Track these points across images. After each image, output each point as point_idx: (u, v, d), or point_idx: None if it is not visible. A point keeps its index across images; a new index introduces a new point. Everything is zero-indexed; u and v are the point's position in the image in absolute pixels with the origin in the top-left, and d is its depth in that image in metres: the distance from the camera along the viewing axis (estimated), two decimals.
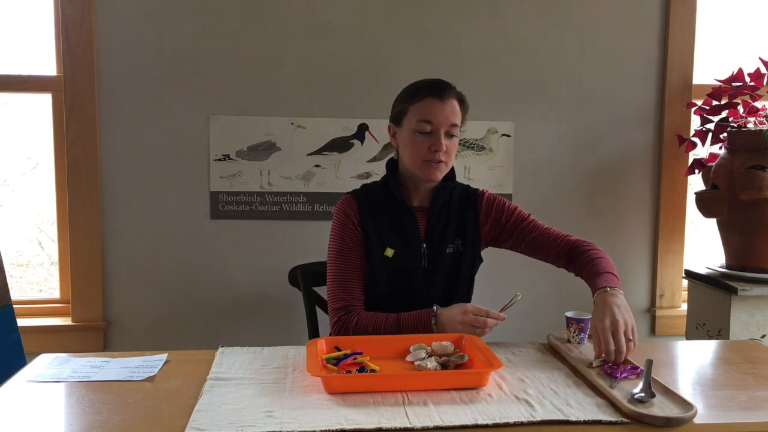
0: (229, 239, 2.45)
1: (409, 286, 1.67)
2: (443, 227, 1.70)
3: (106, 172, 2.39)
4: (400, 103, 1.66)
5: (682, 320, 2.54)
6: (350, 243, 1.66)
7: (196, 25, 2.37)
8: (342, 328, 1.59)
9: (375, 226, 1.67)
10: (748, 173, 2.16)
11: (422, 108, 1.60)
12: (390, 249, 1.66)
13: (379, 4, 2.43)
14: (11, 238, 2.61)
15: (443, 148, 1.60)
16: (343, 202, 1.71)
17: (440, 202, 1.69)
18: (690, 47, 2.55)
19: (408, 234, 1.67)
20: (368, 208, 1.68)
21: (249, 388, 1.24)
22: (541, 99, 2.53)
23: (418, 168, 1.63)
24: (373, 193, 1.72)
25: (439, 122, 1.59)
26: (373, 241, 1.66)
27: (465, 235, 1.71)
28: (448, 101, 1.60)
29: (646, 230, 2.62)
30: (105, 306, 2.42)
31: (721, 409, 1.18)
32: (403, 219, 1.68)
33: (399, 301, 1.64)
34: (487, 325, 1.48)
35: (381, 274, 1.66)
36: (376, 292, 1.67)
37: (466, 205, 1.74)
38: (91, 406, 1.18)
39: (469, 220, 1.72)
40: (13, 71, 2.38)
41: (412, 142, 1.61)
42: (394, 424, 1.07)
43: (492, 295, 2.54)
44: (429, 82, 1.64)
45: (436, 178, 1.64)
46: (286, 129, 2.43)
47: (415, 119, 1.60)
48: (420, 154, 1.60)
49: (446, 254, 1.69)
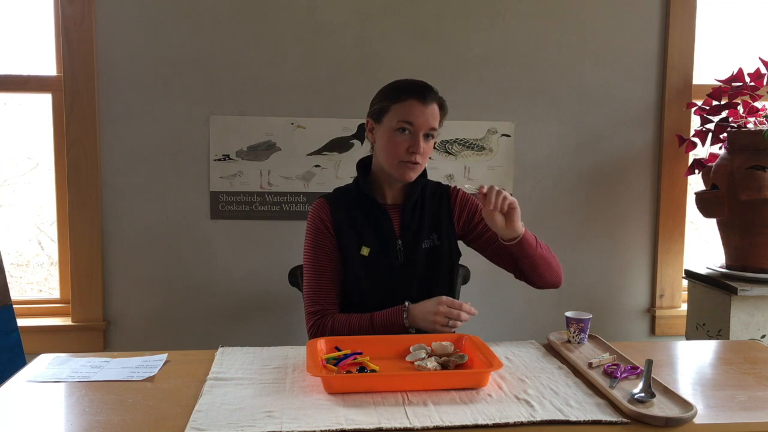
0: (229, 239, 2.45)
1: (387, 284, 1.67)
2: (417, 223, 1.71)
3: (106, 172, 2.39)
4: (381, 100, 1.66)
5: (682, 320, 2.54)
6: (324, 248, 1.68)
7: (196, 25, 2.37)
8: (318, 331, 1.62)
9: (349, 227, 1.68)
10: (748, 173, 2.16)
11: (404, 109, 1.60)
12: (366, 248, 1.67)
13: (379, 4, 2.43)
14: (11, 238, 2.60)
15: (421, 150, 1.61)
16: (316, 206, 1.72)
17: (413, 199, 1.71)
18: (690, 47, 2.55)
19: (383, 232, 1.68)
20: (341, 209, 1.69)
21: (249, 388, 1.24)
22: (541, 99, 2.53)
23: (394, 167, 1.63)
24: (346, 195, 1.74)
25: (420, 125, 1.60)
26: (348, 242, 1.67)
27: (440, 229, 1.72)
28: (430, 105, 1.61)
29: (646, 230, 2.62)
30: (105, 306, 2.42)
31: (721, 409, 1.18)
32: (377, 217, 1.69)
33: (378, 299, 1.64)
34: (460, 318, 1.49)
35: (358, 273, 1.67)
36: (355, 293, 1.68)
37: (439, 199, 1.75)
38: (91, 406, 1.18)
39: (443, 214, 1.74)
40: (13, 71, 2.39)
41: (389, 142, 1.62)
42: (394, 424, 1.07)
43: (492, 295, 2.55)
44: (413, 83, 1.65)
45: (410, 178, 1.65)
46: (286, 129, 2.43)
47: (396, 119, 1.60)
48: (397, 153, 1.61)
49: (422, 249, 1.70)
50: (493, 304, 2.56)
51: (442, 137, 2.48)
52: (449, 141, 2.49)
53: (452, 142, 2.49)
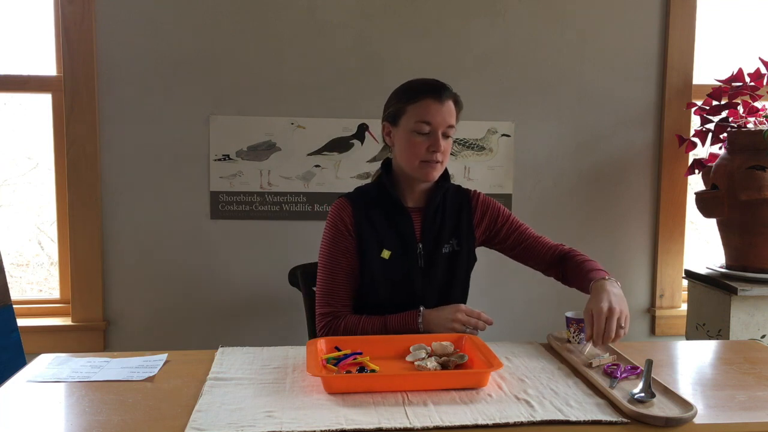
0: (229, 239, 2.45)
1: (406, 288, 1.66)
2: (438, 227, 1.69)
3: (106, 172, 2.39)
4: (396, 103, 1.65)
5: (682, 320, 2.54)
6: (342, 249, 1.66)
7: (196, 25, 2.37)
8: (329, 333, 1.60)
9: (370, 228, 1.66)
10: (748, 173, 2.16)
11: (421, 109, 1.59)
12: (386, 251, 1.65)
13: (379, 4, 2.43)
14: (11, 238, 2.61)
15: (441, 148, 1.60)
16: (338, 205, 1.70)
17: (435, 203, 1.69)
18: (690, 47, 2.55)
19: (404, 235, 1.66)
20: (363, 210, 1.67)
21: (249, 388, 1.24)
22: (541, 99, 2.53)
23: (416, 168, 1.62)
24: (368, 195, 1.71)
25: (438, 123, 1.59)
26: (369, 244, 1.65)
27: (460, 234, 1.70)
28: (446, 102, 1.61)
29: (646, 230, 2.62)
30: (105, 306, 2.42)
31: (721, 409, 1.18)
32: (399, 219, 1.67)
33: (396, 303, 1.63)
34: (478, 326, 1.52)
35: (378, 276, 1.65)
36: (373, 295, 1.66)
37: (460, 205, 1.73)
38: (91, 406, 1.18)
39: (463, 220, 1.72)
40: (13, 71, 2.39)
41: (409, 143, 1.61)
42: (394, 424, 1.07)
43: (492, 294, 2.55)
44: (427, 82, 1.64)
45: (433, 178, 1.64)
46: (286, 129, 2.43)
47: (414, 120, 1.60)
48: (418, 154, 1.60)
49: (442, 254, 1.68)
50: (493, 304, 2.56)
51: None
52: None
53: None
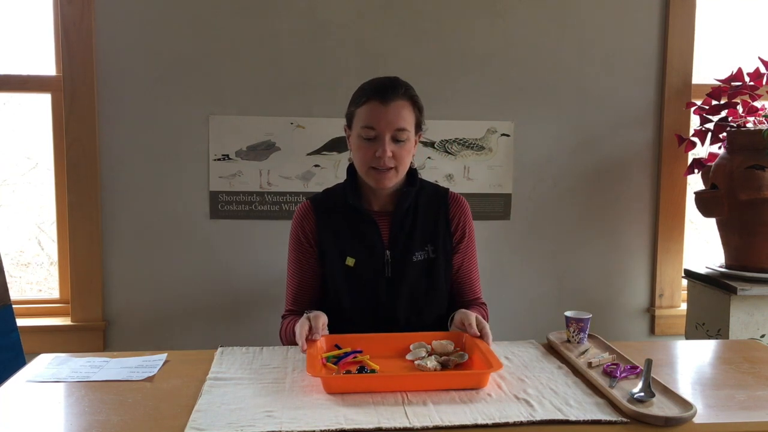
0: (228, 239, 2.45)
1: (373, 298, 1.58)
2: (409, 233, 1.60)
3: (106, 172, 2.39)
4: (349, 105, 1.59)
5: (682, 320, 2.54)
6: (302, 258, 1.64)
7: (195, 24, 2.37)
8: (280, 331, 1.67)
9: (333, 235, 1.60)
10: (748, 173, 2.16)
11: (365, 113, 1.52)
12: (351, 258, 1.58)
13: (379, 4, 2.43)
14: (11, 238, 2.60)
15: (388, 154, 1.50)
16: (301, 211, 1.64)
17: (404, 206, 1.59)
18: (689, 47, 2.55)
19: (369, 241, 1.58)
20: (326, 216, 1.62)
21: (248, 388, 1.25)
22: (541, 99, 2.53)
23: (365, 174, 1.56)
24: (333, 199, 1.65)
25: (383, 128, 1.49)
26: (332, 252, 1.60)
27: (436, 240, 1.61)
28: (393, 104, 1.50)
29: (645, 230, 2.62)
30: (104, 306, 2.42)
31: (721, 409, 1.18)
32: (364, 226, 1.59)
33: (363, 313, 1.58)
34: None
35: (341, 285, 1.58)
36: (340, 305, 1.60)
37: (437, 208, 1.64)
38: (90, 406, 1.18)
39: (440, 223, 1.62)
40: (13, 71, 2.38)
41: (357, 148, 1.54)
42: (394, 424, 1.07)
43: (491, 294, 2.55)
44: (375, 83, 1.56)
45: (384, 185, 1.55)
46: (286, 129, 2.43)
47: (359, 124, 1.53)
48: (366, 161, 1.53)
49: (413, 262, 1.59)
50: (492, 304, 2.55)
51: (441, 137, 2.47)
52: (449, 141, 2.49)
53: (452, 142, 2.49)
